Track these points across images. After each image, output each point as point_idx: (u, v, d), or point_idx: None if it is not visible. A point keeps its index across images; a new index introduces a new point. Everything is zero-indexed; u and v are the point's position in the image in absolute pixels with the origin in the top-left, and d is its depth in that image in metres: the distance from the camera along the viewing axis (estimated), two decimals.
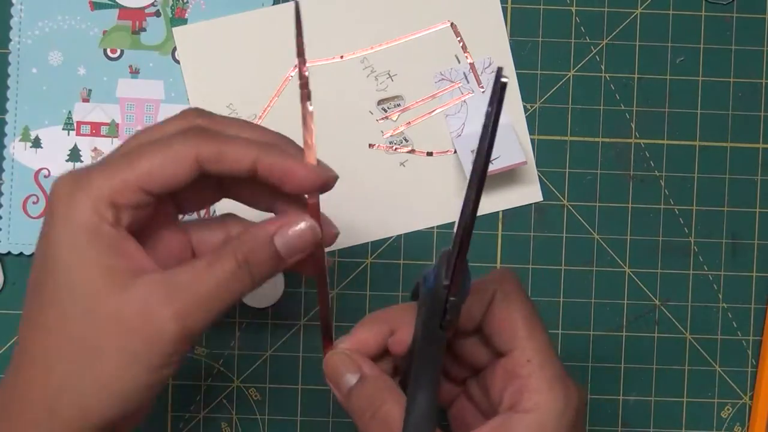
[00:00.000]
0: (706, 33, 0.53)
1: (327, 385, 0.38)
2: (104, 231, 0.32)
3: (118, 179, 0.32)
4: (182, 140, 0.33)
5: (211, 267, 0.33)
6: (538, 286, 0.53)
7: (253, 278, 0.34)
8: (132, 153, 0.33)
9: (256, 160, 0.33)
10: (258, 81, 0.52)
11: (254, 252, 0.34)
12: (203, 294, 0.33)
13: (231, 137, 0.34)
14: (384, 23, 0.52)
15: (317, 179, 0.34)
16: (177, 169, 0.32)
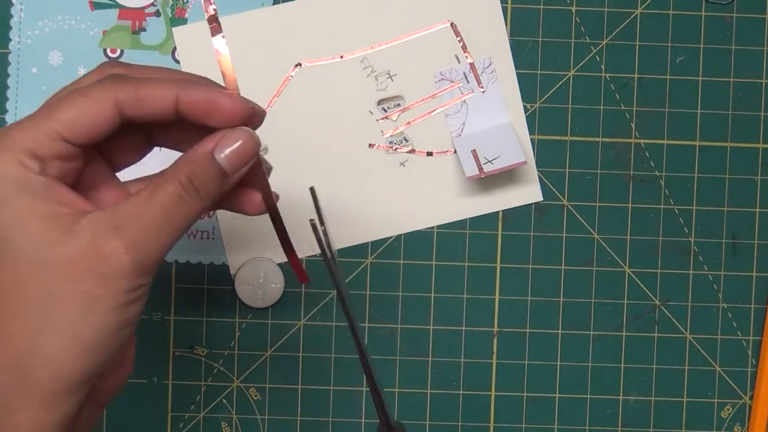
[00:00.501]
0: (706, 33, 0.53)
1: (327, 385, 0.38)
2: (33, 180, 0.31)
3: (36, 131, 0.31)
4: (99, 86, 0.32)
5: (155, 193, 0.32)
6: (538, 286, 0.53)
7: (202, 197, 0.33)
8: (49, 105, 0.32)
9: (177, 97, 0.33)
10: (258, 81, 0.52)
11: (196, 171, 0.33)
12: (151, 221, 0.32)
13: (148, 79, 0.33)
14: (384, 23, 0.52)
15: (243, 107, 0.33)
16: (96, 115, 0.32)
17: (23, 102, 0.51)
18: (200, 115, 0.33)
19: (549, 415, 0.53)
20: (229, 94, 0.34)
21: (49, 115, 0.32)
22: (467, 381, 0.53)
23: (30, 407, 0.31)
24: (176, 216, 0.32)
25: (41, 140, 0.31)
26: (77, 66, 0.51)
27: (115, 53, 0.52)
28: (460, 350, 0.53)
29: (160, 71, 0.35)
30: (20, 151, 0.31)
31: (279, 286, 0.51)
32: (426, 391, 0.52)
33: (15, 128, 0.32)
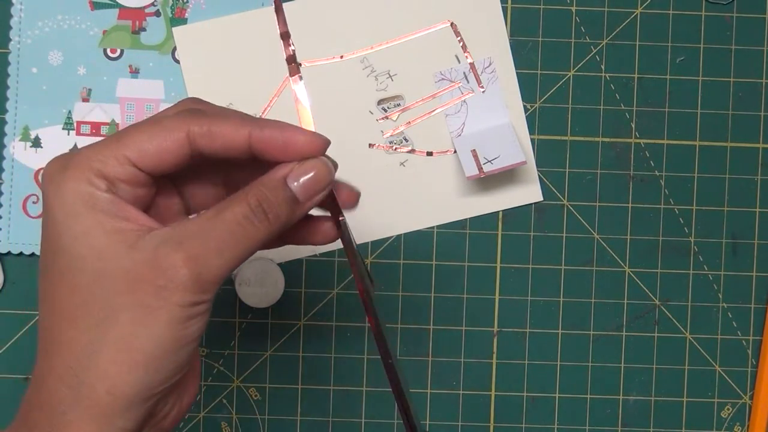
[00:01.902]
0: (706, 33, 0.53)
1: (327, 385, 0.38)
2: (100, 197, 0.31)
3: (106, 152, 0.32)
4: (173, 117, 0.32)
5: (221, 213, 0.32)
6: (538, 286, 0.53)
7: (270, 222, 0.32)
8: (122, 131, 0.33)
9: (250, 133, 0.32)
10: (258, 81, 0.52)
11: (267, 195, 0.32)
12: (215, 238, 0.31)
13: (221, 115, 0.33)
14: (384, 23, 0.52)
15: (318, 143, 0.33)
16: (166, 144, 0.32)
17: (23, 102, 0.51)
18: (274, 151, 0.33)
19: (549, 415, 0.53)
20: (303, 131, 0.33)
21: (119, 139, 0.32)
22: (467, 381, 0.53)
23: (84, 420, 0.31)
24: (241, 237, 0.32)
25: (109, 162, 0.31)
26: (77, 66, 0.51)
27: (115, 53, 0.52)
28: (460, 350, 0.53)
29: (237, 112, 0.35)
30: (89, 170, 0.31)
31: (279, 286, 0.51)
32: (426, 391, 0.52)
33: (86, 149, 0.32)
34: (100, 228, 0.31)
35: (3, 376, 0.51)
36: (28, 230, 0.51)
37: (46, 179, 0.32)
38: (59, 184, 0.31)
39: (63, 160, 0.32)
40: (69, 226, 0.31)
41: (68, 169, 0.31)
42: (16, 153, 0.51)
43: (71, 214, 0.31)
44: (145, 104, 0.52)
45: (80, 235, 0.31)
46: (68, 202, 0.31)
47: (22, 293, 0.51)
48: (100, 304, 0.31)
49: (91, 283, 0.31)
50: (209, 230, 0.31)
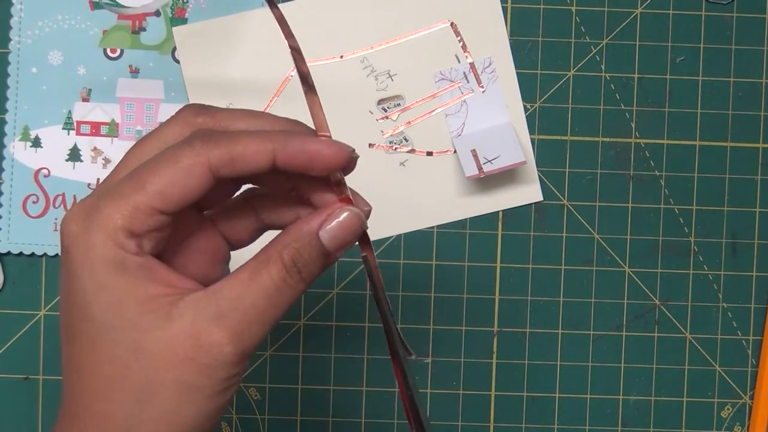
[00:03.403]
0: (706, 33, 0.53)
1: (327, 385, 0.38)
2: (130, 262, 0.30)
3: (130, 206, 0.30)
4: (189, 151, 0.30)
5: (258, 276, 0.31)
6: (538, 286, 0.53)
7: (305, 280, 0.32)
8: (139, 174, 0.30)
9: (273, 153, 0.31)
10: (258, 81, 0.52)
11: (301, 252, 0.31)
12: (255, 308, 0.30)
13: (240, 135, 0.31)
14: (384, 23, 0.52)
15: (345, 155, 0.32)
16: (190, 184, 0.30)
17: (23, 102, 0.51)
18: (299, 167, 0.31)
19: (549, 415, 0.53)
20: (328, 143, 0.31)
21: (139, 187, 0.30)
22: (467, 381, 0.53)
23: None
24: (280, 300, 0.31)
25: (135, 216, 0.30)
26: (77, 66, 0.51)
27: (115, 53, 0.52)
28: (460, 350, 0.53)
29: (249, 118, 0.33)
30: (115, 230, 0.30)
31: None
32: (426, 390, 0.52)
33: (106, 203, 0.30)
34: (133, 297, 0.30)
35: (3, 376, 0.51)
36: (28, 230, 0.51)
37: (68, 240, 0.30)
38: (85, 249, 0.30)
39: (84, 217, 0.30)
40: (99, 296, 0.30)
41: (93, 231, 0.30)
42: (16, 153, 0.51)
43: (101, 283, 0.30)
44: (145, 104, 0.52)
45: (113, 306, 0.30)
46: (97, 270, 0.30)
47: (22, 293, 0.51)
48: (138, 378, 0.30)
49: (127, 356, 0.30)
50: (247, 298, 0.30)
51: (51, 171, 0.51)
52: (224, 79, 0.52)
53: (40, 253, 0.51)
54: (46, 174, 0.51)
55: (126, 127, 0.52)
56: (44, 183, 0.51)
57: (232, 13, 0.52)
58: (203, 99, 0.52)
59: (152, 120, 0.52)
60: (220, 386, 0.30)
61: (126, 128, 0.52)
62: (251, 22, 0.52)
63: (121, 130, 0.52)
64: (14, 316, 0.51)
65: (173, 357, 0.30)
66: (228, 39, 0.52)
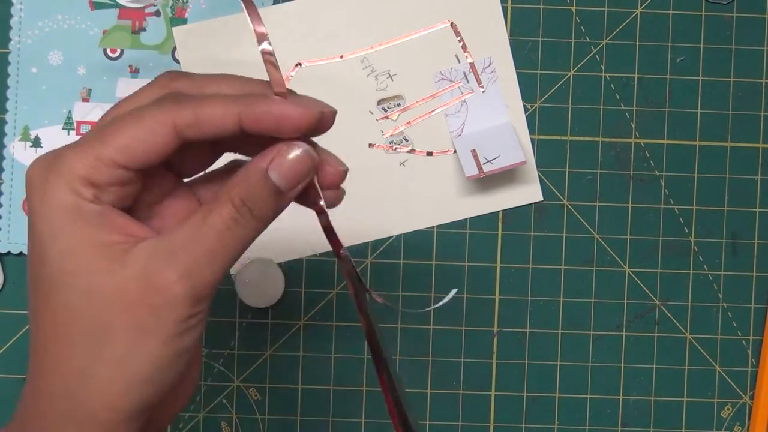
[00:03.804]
0: (706, 33, 0.53)
1: (327, 385, 0.38)
2: (86, 209, 0.30)
3: (90, 156, 0.30)
4: (155, 109, 0.30)
5: (209, 218, 0.31)
6: (538, 286, 0.53)
7: (257, 219, 0.31)
8: (104, 128, 0.31)
9: (239, 116, 0.31)
10: None
11: (251, 191, 0.31)
12: (205, 248, 0.30)
13: (207, 97, 0.31)
14: (384, 23, 0.52)
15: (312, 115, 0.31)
16: (153, 141, 0.30)
17: (23, 102, 0.51)
18: (267, 130, 0.31)
19: (549, 415, 0.53)
20: (295, 104, 0.31)
21: (103, 139, 0.30)
22: (467, 381, 0.53)
23: None
24: (231, 240, 0.31)
25: (96, 167, 0.30)
26: (77, 66, 0.51)
27: (115, 53, 0.52)
28: (460, 350, 0.53)
29: (222, 82, 0.33)
30: (74, 178, 0.30)
31: (279, 286, 0.51)
32: (426, 391, 0.52)
33: (68, 152, 0.30)
34: (87, 243, 0.30)
35: (3, 376, 0.51)
36: None
37: (29, 185, 0.31)
38: (43, 195, 0.30)
39: (45, 164, 0.31)
40: (55, 241, 0.30)
41: (51, 177, 0.30)
42: (16, 153, 0.51)
43: (57, 228, 0.30)
44: None
45: (67, 251, 0.30)
46: (53, 215, 0.30)
47: (22, 293, 0.51)
48: (93, 322, 0.30)
49: (81, 301, 0.30)
50: (198, 239, 0.30)
51: None
52: None
53: None
54: None
55: None
56: None
57: (232, 13, 0.52)
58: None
59: None
60: (173, 329, 0.30)
61: None
62: None
63: None
64: (14, 316, 0.51)
65: (125, 300, 0.30)
66: (228, 39, 0.52)
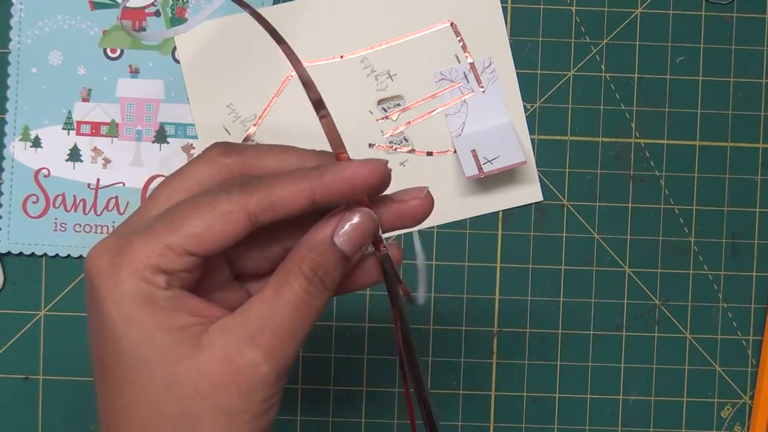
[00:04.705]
0: (706, 33, 0.53)
1: (327, 385, 0.38)
2: (158, 295, 0.29)
3: (162, 244, 0.29)
4: (226, 197, 0.30)
5: (282, 291, 0.30)
6: (538, 286, 0.53)
7: (328, 288, 0.31)
8: (174, 215, 0.30)
9: (313, 191, 0.30)
10: (258, 81, 0.52)
11: (319, 261, 0.31)
12: (285, 324, 0.30)
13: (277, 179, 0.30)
14: (384, 23, 0.52)
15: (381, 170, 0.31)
16: (227, 229, 0.30)
17: (23, 102, 0.51)
18: (340, 197, 0.31)
19: (549, 415, 0.53)
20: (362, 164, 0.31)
21: (173, 228, 0.30)
22: (467, 381, 0.53)
23: None
24: (307, 312, 0.31)
25: (167, 255, 0.29)
26: (77, 66, 0.51)
27: (115, 53, 0.52)
28: (460, 350, 0.53)
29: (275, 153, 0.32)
30: (145, 267, 0.29)
31: None
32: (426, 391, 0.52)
33: (138, 240, 0.30)
34: (161, 329, 0.29)
35: (3, 376, 0.51)
36: (28, 230, 0.51)
37: (94, 273, 0.30)
38: (113, 284, 0.29)
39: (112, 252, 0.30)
40: (129, 330, 0.29)
41: (122, 266, 0.29)
42: (16, 153, 0.51)
43: (130, 317, 0.29)
44: (145, 104, 0.52)
45: (142, 339, 0.29)
46: (125, 304, 0.29)
47: (22, 293, 0.51)
48: (175, 411, 0.29)
49: (162, 389, 0.29)
50: (276, 315, 0.30)
51: (51, 171, 0.51)
52: (224, 79, 0.52)
53: (40, 253, 0.51)
54: (46, 174, 0.51)
55: (126, 127, 0.52)
56: (44, 183, 0.51)
57: (232, 13, 0.52)
58: (203, 99, 0.52)
59: (152, 120, 0.52)
60: (260, 408, 0.30)
61: (126, 128, 0.52)
62: (251, 22, 0.52)
63: (121, 130, 0.52)
64: (14, 316, 0.51)
65: (209, 384, 0.29)
66: (228, 39, 0.52)
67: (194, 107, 0.52)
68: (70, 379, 0.52)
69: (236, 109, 0.52)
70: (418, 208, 0.33)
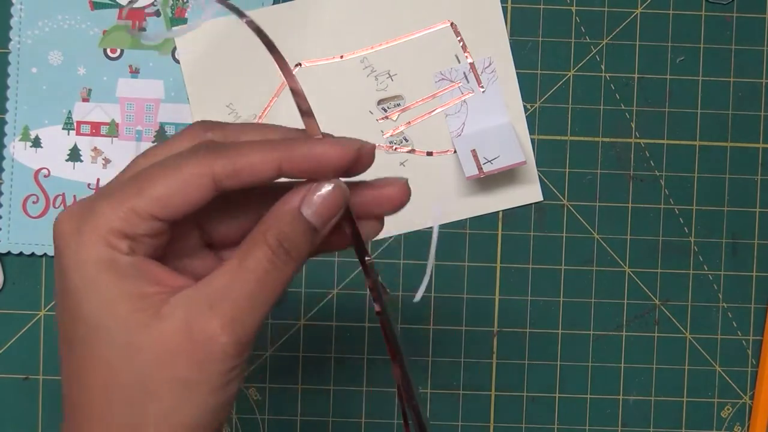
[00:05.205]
0: (706, 33, 0.53)
1: (327, 385, 0.38)
2: (121, 261, 0.29)
3: (125, 208, 0.29)
4: (193, 160, 0.29)
5: (245, 262, 0.30)
6: (538, 286, 0.53)
7: (294, 259, 0.30)
8: (139, 178, 0.30)
9: (279, 161, 0.30)
10: (258, 81, 0.52)
11: (285, 231, 0.30)
12: (246, 294, 0.30)
13: (245, 145, 0.30)
14: (384, 23, 0.52)
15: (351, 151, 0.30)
16: (190, 192, 0.29)
17: (23, 102, 0.51)
18: (306, 172, 0.30)
19: (549, 415, 0.53)
20: (332, 143, 0.30)
21: (138, 191, 0.29)
22: (467, 381, 0.53)
23: None
24: (271, 283, 0.30)
25: (130, 219, 0.29)
26: (77, 66, 0.51)
27: (115, 53, 0.52)
28: (460, 350, 0.53)
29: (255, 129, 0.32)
30: (108, 231, 0.29)
31: None
32: (426, 391, 0.52)
33: (101, 203, 0.29)
34: (122, 296, 0.29)
35: (3, 376, 0.51)
36: (28, 230, 0.51)
37: (59, 239, 0.30)
38: (76, 249, 0.29)
39: (77, 217, 0.30)
40: (90, 295, 0.29)
41: (85, 230, 0.29)
42: (16, 153, 0.51)
43: (91, 282, 0.29)
44: (145, 104, 0.52)
45: (103, 305, 0.29)
46: (87, 269, 0.29)
47: (22, 293, 0.51)
48: (135, 378, 0.29)
49: (121, 357, 0.29)
50: (237, 285, 0.30)
51: (51, 171, 0.51)
52: (224, 80, 0.52)
53: (40, 253, 0.51)
54: (46, 174, 0.51)
55: (126, 127, 0.52)
56: (44, 183, 0.51)
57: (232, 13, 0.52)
58: (203, 99, 0.52)
59: (152, 120, 0.52)
60: (219, 380, 0.29)
61: (126, 128, 0.52)
62: None
63: (121, 130, 0.52)
64: (14, 316, 0.51)
65: (167, 354, 0.29)
66: (228, 39, 0.52)
67: (194, 107, 0.52)
68: None
69: (236, 109, 0.52)
70: (393, 194, 0.32)
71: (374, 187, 0.33)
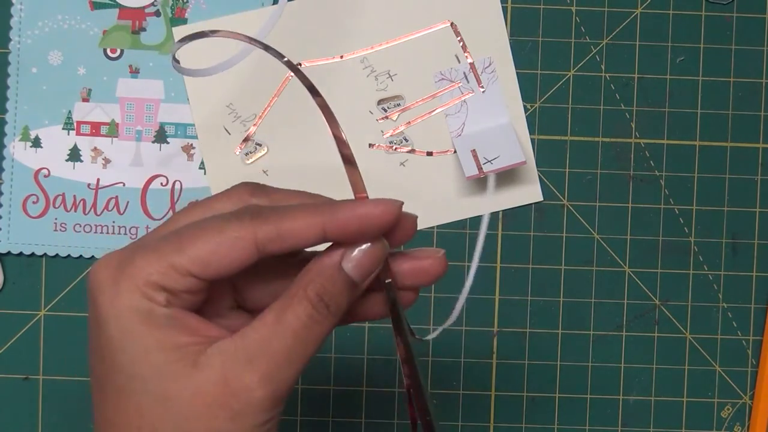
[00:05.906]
0: (706, 33, 0.53)
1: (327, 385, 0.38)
2: (158, 313, 0.29)
3: (165, 263, 0.29)
4: (237, 223, 0.30)
5: (284, 316, 0.30)
6: (538, 286, 0.53)
7: (333, 314, 0.31)
8: (181, 235, 0.30)
9: (324, 227, 0.30)
10: (258, 81, 0.52)
11: (326, 285, 0.30)
12: (283, 349, 0.30)
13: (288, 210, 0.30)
14: (384, 23, 0.52)
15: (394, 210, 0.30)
16: (232, 255, 0.29)
17: (23, 102, 0.51)
18: (351, 234, 0.30)
19: (549, 415, 0.53)
20: (375, 203, 0.30)
21: (179, 248, 0.29)
22: (467, 381, 0.53)
23: None
24: (309, 339, 0.30)
25: (169, 274, 0.29)
26: (77, 66, 0.51)
27: (115, 53, 0.52)
28: (460, 350, 0.53)
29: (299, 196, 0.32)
30: (145, 283, 0.29)
31: None
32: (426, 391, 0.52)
33: (140, 256, 0.30)
34: (158, 346, 0.29)
35: (3, 376, 0.51)
36: (28, 230, 0.51)
37: (95, 289, 0.30)
38: (113, 298, 0.29)
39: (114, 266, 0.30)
40: (125, 345, 0.29)
41: (122, 280, 0.29)
42: (16, 153, 0.51)
43: (127, 332, 0.29)
44: (145, 104, 0.52)
45: (139, 355, 0.29)
46: (123, 318, 0.29)
47: (22, 293, 0.51)
48: (168, 429, 0.29)
49: (156, 406, 0.29)
50: (275, 340, 0.30)
51: (51, 171, 0.51)
52: (224, 79, 0.52)
53: (40, 253, 0.51)
54: (46, 174, 0.51)
55: (126, 127, 0.52)
56: (44, 183, 0.51)
57: (232, 13, 0.52)
58: (203, 99, 0.52)
59: (152, 120, 0.52)
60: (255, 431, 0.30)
61: (126, 128, 0.52)
62: (251, 22, 0.52)
63: (121, 130, 0.52)
64: (14, 316, 0.51)
65: (202, 405, 0.29)
66: (228, 40, 0.52)
67: (194, 107, 0.52)
68: (70, 379, 0.52)
69: (236, 109, 0.52)
70: (431, 267, 0.33)
71: (412, 258, 0.33)
